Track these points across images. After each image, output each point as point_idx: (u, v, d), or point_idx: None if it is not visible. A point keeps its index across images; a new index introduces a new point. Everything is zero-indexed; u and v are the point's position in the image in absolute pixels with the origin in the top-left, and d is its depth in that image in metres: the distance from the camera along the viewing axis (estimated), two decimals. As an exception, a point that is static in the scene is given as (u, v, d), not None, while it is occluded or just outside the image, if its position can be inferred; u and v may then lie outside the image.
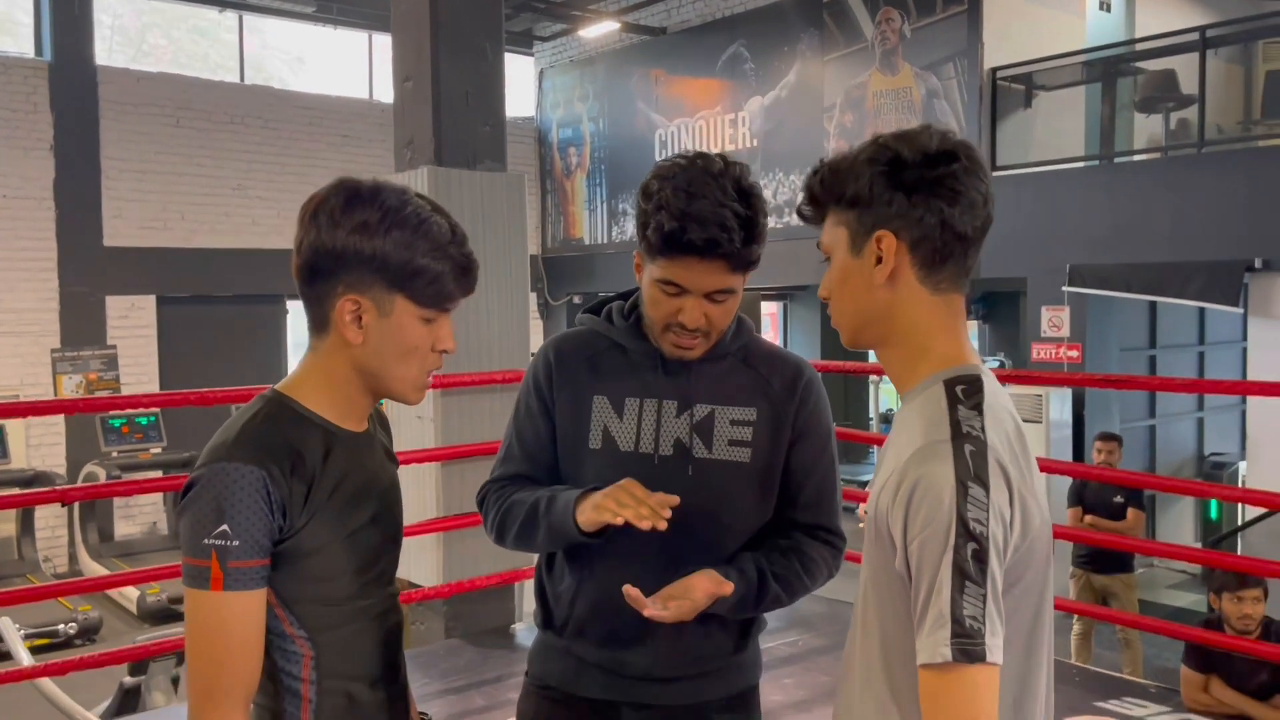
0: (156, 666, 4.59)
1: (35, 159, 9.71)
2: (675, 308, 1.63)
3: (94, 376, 9.69)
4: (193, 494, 1.29)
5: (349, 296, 1.36)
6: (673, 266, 1.60)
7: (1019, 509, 1.20)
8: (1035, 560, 1.24)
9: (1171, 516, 9.73)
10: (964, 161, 1.27)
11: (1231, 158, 7.76)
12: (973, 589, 1.13)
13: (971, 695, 1.11)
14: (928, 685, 1.14)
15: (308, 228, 1.38)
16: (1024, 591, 1.23)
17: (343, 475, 1.37)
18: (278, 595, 1.33)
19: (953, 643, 1.11)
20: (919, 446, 1.21)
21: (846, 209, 1.31)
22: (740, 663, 1.80)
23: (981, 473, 1.17)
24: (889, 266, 1.28)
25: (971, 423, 1.21)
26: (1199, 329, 10.27)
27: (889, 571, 1.23)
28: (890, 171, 1.27)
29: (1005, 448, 1.22)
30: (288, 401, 1.39)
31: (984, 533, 1.14)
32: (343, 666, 1.38)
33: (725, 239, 1.56)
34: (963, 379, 1.27)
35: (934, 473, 1.17)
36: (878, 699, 1.27)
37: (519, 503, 1.74)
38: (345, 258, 1.35)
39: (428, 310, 1.38)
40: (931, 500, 1.16)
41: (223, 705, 1.27)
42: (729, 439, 1.71)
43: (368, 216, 1.34)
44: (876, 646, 1.28)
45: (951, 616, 1.12)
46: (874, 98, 9.53)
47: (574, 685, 1.77)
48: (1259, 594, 3.79)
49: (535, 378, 1.79)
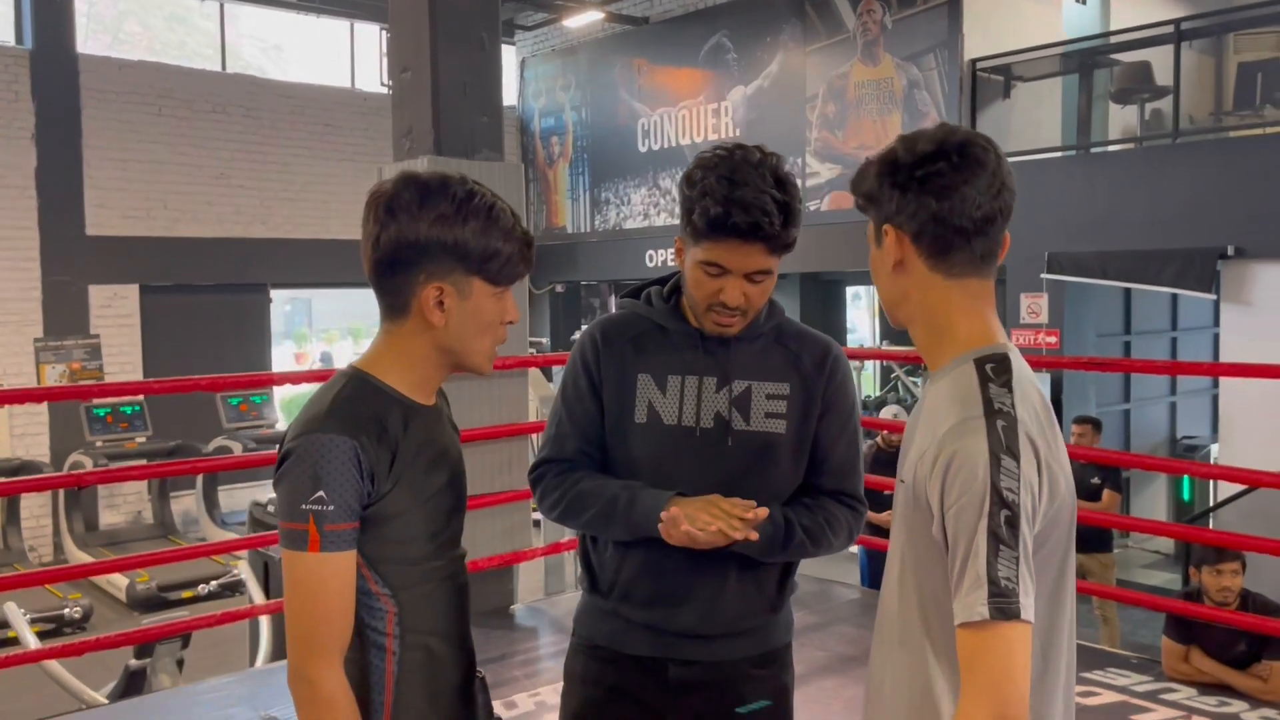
0: (162, 649, 4.65)
1: (17, 147, 9.66)
2: (717, 288, 1.74)
3: (77, 366, 9.67)
4: (289, 463, 1.39)
5: (433, 284, 1.45)
6: (716, 249, 1.71)
7: (1046, 478, 1.31)
8: (1061, 522, 1.36)
9: (1145, 498, 9.94)
10: (952, 159, 1.37)
11: (1204, 148, 7.95)
12: (1006, 552, 1.23)
13: (1007, 650, 1.22)
14: (966, 642, 1.25)
15: (384, 223, 1.45)
16: (1051, 551, 1.35)
17: (420, 445, 1.48)
18: (364, 556, 1.43)
19: (990, 602, 1.22)
20: (954, 422, 1.32)
21: (867, 205, 1.46)
22: (775, 622, 1.91)
23: (1013, 445, 1.27)
24: (893, 257, 1.41)
25: (1002, 399, 1.32)
26: (1172, 315, 10.49)
27: (927, 537, 1.34)
28: (888, 171, 1.40)
29: (1033, 421, 1.33)
30: (368, 378, 1.48)
31: (1015, 500, 1.25)
32: (422, 622, 1.49)
33: (766, 223, 1.68)
34: (992, 358, 1.37)
35: (969, 446, 1.28)
36: (917, 654, 1.38)
37: (590, 494, 1.84)
38: (428, 248, 1.44)
39: (500, 287, 1.50)
40: (967, 472, 1.27)
41: (321, 658, 1.37)
42: (765, 412, 1.83)
43: (444, 209, 1.43)
44: (915, 606, 1.39)
45: (988, 578, 1.23)
46: (856, 88, 9.65)
47: (621, 644, 1.87)
48: (1237, 567, 3.94)
49: (583, 358, 1.90)
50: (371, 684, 1.46)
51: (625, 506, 1.79)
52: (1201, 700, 3.76)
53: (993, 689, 1.22)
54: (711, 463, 1.80)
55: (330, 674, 1.38)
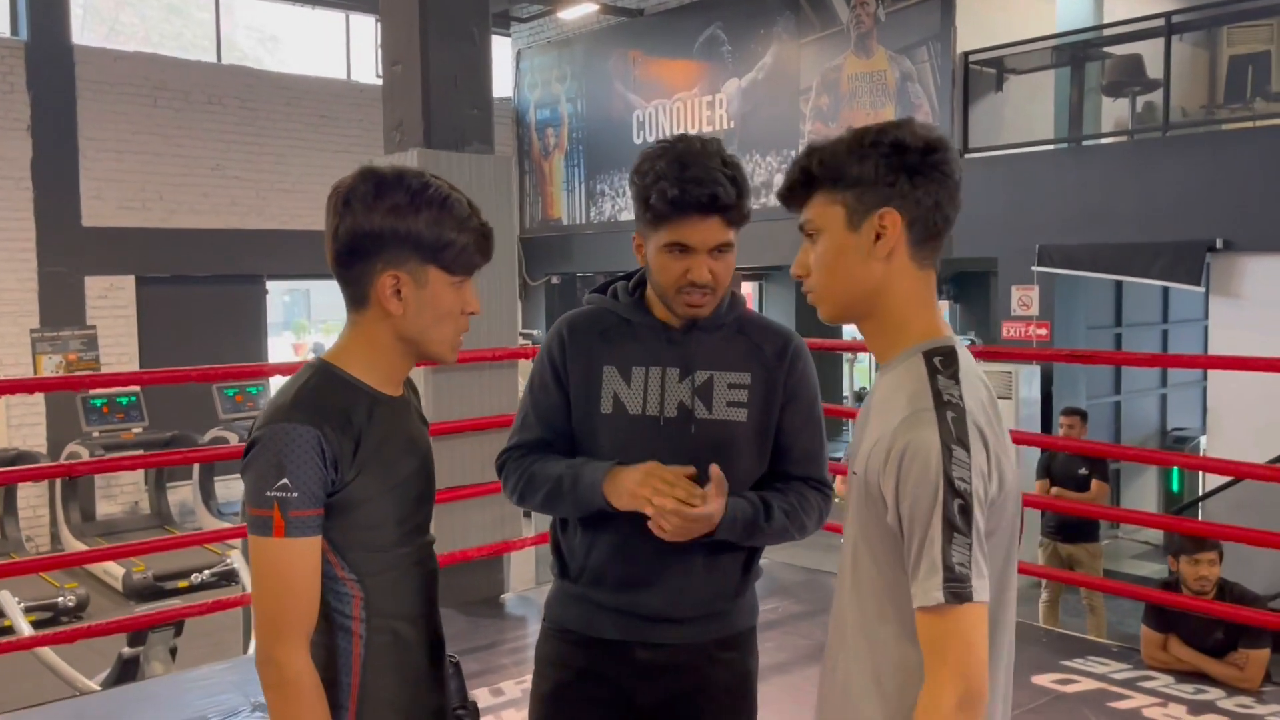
0: (155, 637, 4.70)
1: (13, 139, 9.69)
2: (684, 268, 1.81)
3: (74, 357, 9.71)
4: (255, 452, 1.44)
5: (389, 272, 1.50)
6: (678, 228, 1.79)
7: (995, 466, 1.36)
8: (1006, 511, 1.41)
9: (1135, 489, 10.00)
10: (951, 152, 1.43)
11: (1195, 141, 7.98)
12: (960, 539, 1.29)
13: (965, 630, 1.29)
14: (925, 627, 1.31)
15: (341, 215, 1.50)
16: (999, 539, 1.40)
17: (385, 434, 1.52)
18: (330, 542, 1.48)
19: (945, 587, 1.28)
20: (906, 414, 1.36)
21: (845, 189, 1.41)
22: (740, 606, 1.97)
23: (963, 436, 1.32)
24: (891, 241, 1.40)
25: (951, 391, 1.36)
26: (1163, 308, 10.53)
27: (881, 526, 1.39)
28: (894, 155, 1.39)
29: (981, 412, 1.38)
30: (334, 369, 1.53)
31: (968, 489, 1.30)
32: (388, 606, 1.53)
33: (722, 192, 1.77)
34: (939, 350, 1.41)
35: (921, 438, 1.32)
36: (871, 640, 1.43)
37: (540, 474, 1.91)
38: (383, 238, 1.49)
39: (457, 276, 1.54)
40: (920, 462, 1.31)
41: (287, 639, 1.42)
42: (727, 401, 1.89)
43: (398, 199, 1.48)
44: (869, 594, 1.44)
45: (943, 564, 1.28)
46: (849, 81, 9.68)
47: (590, 628, 1.93)
48: (1214, 556, 3.98)
49: (549, 353, 1.96)
50: (339, 666, 1.50)
51: (570, 484, 1.86)
52: (1179, 688, 3.82)
53: (957, 668, 1.28)
54: (676, 451, 1.85)
55: (296, 656, 1.42)
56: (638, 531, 1.84)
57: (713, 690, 1.93)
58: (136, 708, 3.84)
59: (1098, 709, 3.63)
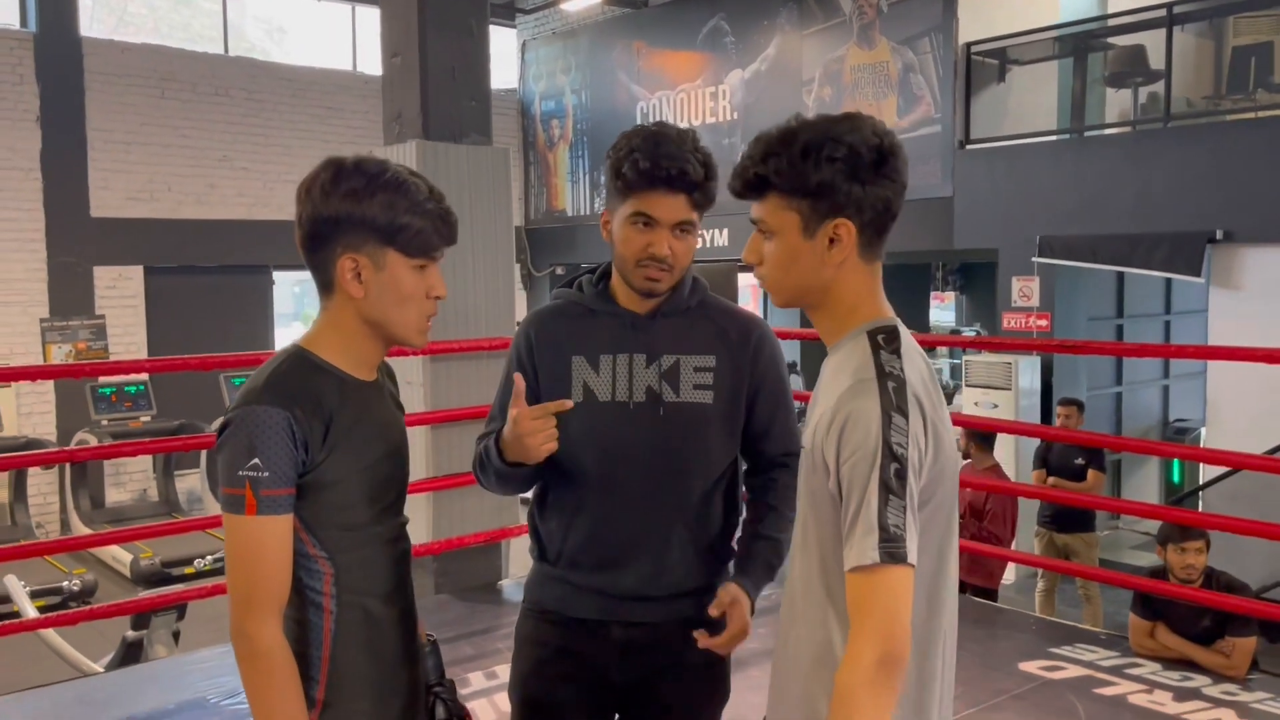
0: (158, 620, 4.78)
1: (22, 130, 9.77)
2: (646, 241, 1.87)
3: (83, 346, 9.81)
4: (228, 433, 1.50)
5: (347, 256, 1.55)
6: (645, 200, 1.85)
7: (932, 435, 1.42)
8: (946, 479, 1.47)
9: (1136, 480, 10.01)
10: (902, 152, 1.48)
11: (1196, 132, 7.98)
12: (895, 502, 1.34)
13: (893, 592, 1.33)
14: (854, 586, 1.35)
15: (304, 203, 1.57)
16: (937, 506, 1.46)
17: (356, 417, 1.58)
18: (302, 521, 1.54)
19: (880, 547, 1.32)
20: (848, 384, 1.43)
21: (801, 197, 1.46)
22: (714, 585, 2.00)
23: (902, 405, 1.38)
24: (846, 249, 1.46)
25: (892, 364, 1.43)
26: (1165, 299, 10.52)
27: (824, 493, 1.45)
28: (849, 165, 1.44)
29: (920, 385, 1.44)
30: (307, 354, 1.59)
31: (905, 454, 1.35)
32: (359, 583, 1.59)
33: (691, 169, 1.84)
34: (883, 329, 1.48)
35: (863, 406, 1.39)
36: (817, 608, 1.49)
37: (479, 456, 2.00)
38: (340, 222, 1.54)
39: (417, 259, 1.58)
40: (861, 428, 1.37)
41: (258, 613, 1.48)
42: (694, 384, 1.95)
43: (354, 184, 1.54)
44: (815, 560, 1.49)
45: (879, 524, 1.33)
46: (851, 72, 9.69)
47: (568, 607, 1.98)
48: (1201, 545, 4.01)
49: (517, 349, 2.03)
50: (309, 640, 1.56)
51: (487, 458, 1.94)
52: (1165, 675, 3.85)
53: (880, 628, 1.32)
54: (646, 434, 1.91)
55: (267, 629, 1.47)
56: (612, 513, 1.92)
57: (687, 668, 1.99)
58: (139, 689, 3.91)
59: (1083, 695, 3.67)
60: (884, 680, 1.31)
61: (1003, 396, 8.28)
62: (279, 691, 1.48)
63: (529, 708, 2.02)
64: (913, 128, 9.17)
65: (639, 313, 1.96)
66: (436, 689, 1.77)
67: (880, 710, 1.31)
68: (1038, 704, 3.60)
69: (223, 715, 3.53)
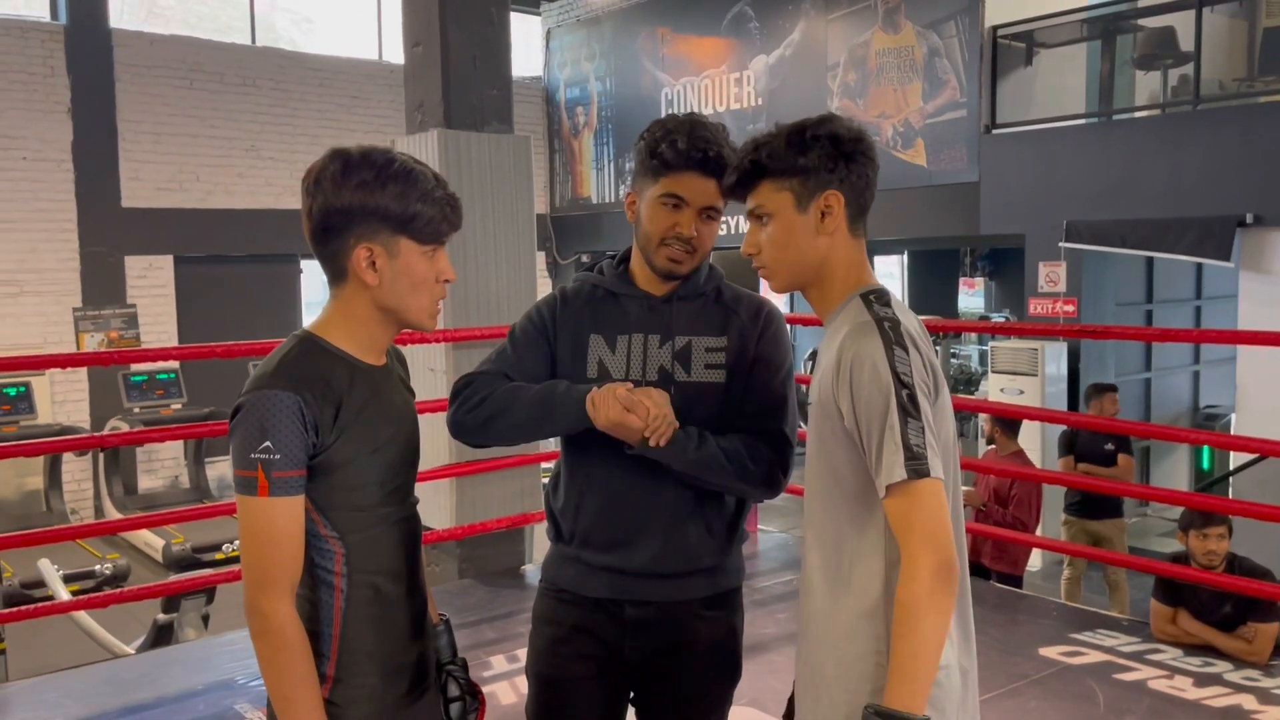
0: (188, 604, 4.87)
1: (54, 122, 9.90)
2: (674, 221, 1.93)
3: (115, 335, 9.96)
4: (240, 416, 1.54)
5: (362, 245, 1.59)
6: (677, 181, 1.92)
7: (931, 373, 1.54)
8: (947, 419, 1.58)
9: (1166, 467, 9.92)
10: (873, 141, 1.68)
11: (1226, 114, 7.87)
12: (914, 423, 1.46)
13: (929, 503, 1.44)
14: (894, 507, 1.46)
15: (313, 195, 1.60)
16: (943, 446, 1.54)
17: (366, 400, 1.61)
18: (313, 502, 1.58)
19: (907, 464, 1.44)
20: (847, 331, 1.56)
21: (791, 177, 1.63)
22: (725, 565, 2.06)
23: (900, 340, 1.53)
24: (837, 218, 1.63)
25: (885, 312, 1.58)
26: (1196, 284, 10.39)
27: (836, 436, 1.55)
28: (833, 146, 1.63)
29: (914, 328, 1.59)
30: (316, 339, 1.63)
31: (911, 381, 1.49)
32: (369, 563, 1.63)
33: (728, 155, 1.89)
34: (874, 291, 1.64)
35: (865, 345, 1.52)
36: (830, 539, 1.59)
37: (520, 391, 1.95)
38: (353, 213, 1.58)
39: (428, 246, 1.63)
40: (869, 365, 1.50)
41: (272, 592, 1.52)
42: (705, 364, 2.00)
43: (365, 176, 1.57)
44: (825, 498, 1.60)
45: (903, 444, 1.45)
46: (876, 56, 9.63)
47: (583, 587, 2.03)
48: (1223, 531, 3.98)
49: (541, 311, 2.08)
50: (321, 618, 1.60)
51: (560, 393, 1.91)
52: (1186, 661, 3.84)
53: (929, 538, 1.42)
54: None
55: (280, 607, 1.52)
56: (623, 491, 1.96)
57: (699, 646, 2.02)
58: (167, 670, 4.00)
59: (1103, 680, 3.67)
60: (943, 587, 1.41)
61: (1029, 383, 8.23)
62: (291, 666, 1.52)
63: (545, 685, 2.07)
64: (938, 112, 9.11)
65: (656, 295, 2.01)
66: (449, 667, 1.81)
67: (943, 615, 1.42)
68: (1057, 689, 3.60)
69: (250, 695, 3.60)
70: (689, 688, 2.03)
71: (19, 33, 9.73)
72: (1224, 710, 3.44)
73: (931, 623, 1.40)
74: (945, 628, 1.42)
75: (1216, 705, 3.48)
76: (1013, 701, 3.51)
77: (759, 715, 3.32)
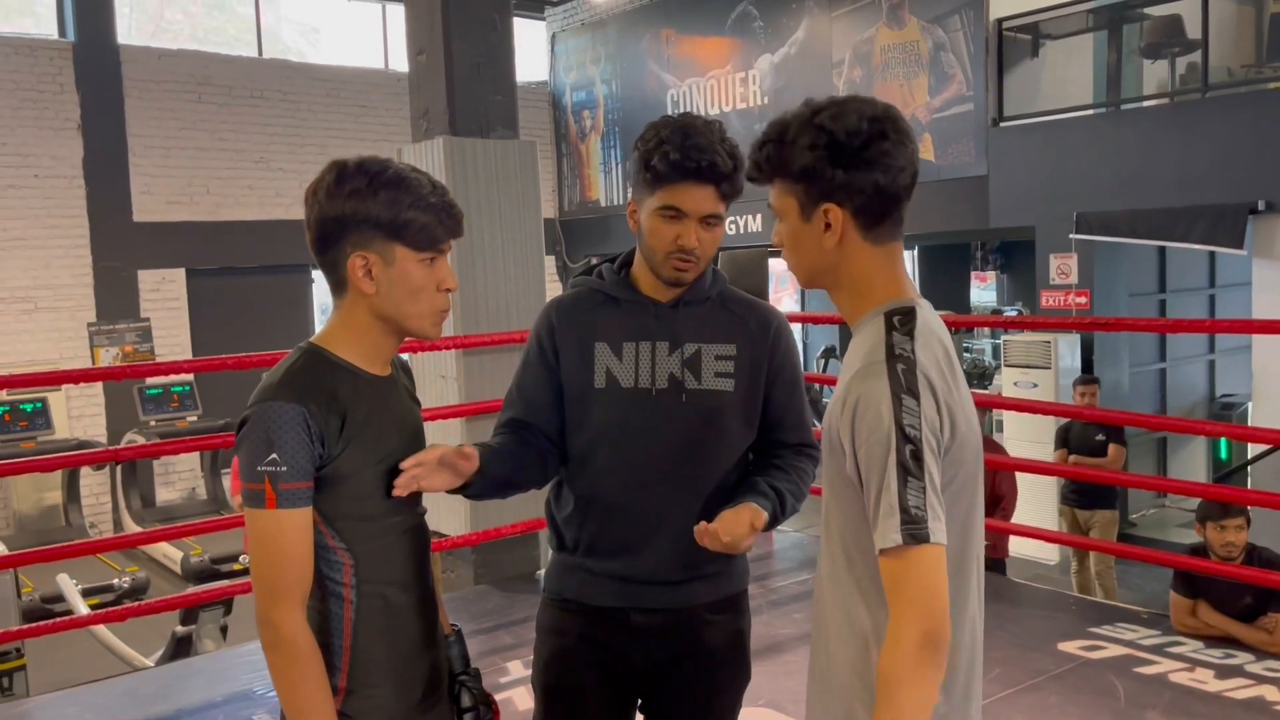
0: (206, 616, 4.89)
1: (64, 138, 9.97)
2: (675, 233, 1.89)
3: (130, 349, 10.01)
4: (246, 429, 1.54)
5: (357, 254, 1.59)
6: (674, 192, 1.87)
7: (946, 416, 1.43)
8: (966, 460, 1.47)
9: (1183, 457, 9.85)
10: (892, 136, 1.46)
11: (1236, 101, 7.81)
12: (914, 483, 1.35)
13: (924, 571, 1.34)
14: (887, 569, 1.37)
15: (311, 206, 1.61)
16: (960, 486, 1.46)
17: (371, 411, 1.61)
18: (321, 514, 1.58)
19: (902, 529, 1.34)
20: (858, 368, 1.45)
21: (794, 181, 1.50)
22: (731, 569, 2.04)
23: (912, 386, 1.39)
24: (838, 233, 1.49)
25: (903, 345, 1.44)
26: (1209, 272, 10.31)
27: (842, 477, 1.46)
28: (828, 150, 1.45)
29: (933, 365, 1.45)
30: (320, 351, 1.63)
31: (918, 435, 1.37)
32: (378, 573, 1.63)
33: (720, 162, 1.86)
34: (899, 311, 1.49)
35: (872, 388, 1.40)
36: (843, 586, 1.50)
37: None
38: (346, 222, 1.58)
39: (424, 253, 1.61)
40: (873, 412, 1.39)
41: (283, 603, 1.52)
42: (715, 371, 1.97)
43: (357, 184, 1.57)
44: (838, 544, 1.51)
45: (899, 507, 1.34)
46: (881, 52, 9.60)
47: (588, 596, 2.01)
48: (1241, 522, 3.95)
49: (538, 333, 2.05)
50: (331, 629, 1.60)
51: None
52: (1207, 653, 3.81)
53: (918, 607, 1.33)
54: (668, 421, 1.93)
55: (291, 618, 1.52)
56: (631, 499, 1.94)
57: (706, 651, 2.01)
58: (186, 682, 4.01)
59: (1123, 674, 3.64)
60: (928, 659, 1.32)
61: (1042, 376, 8.19)
62: (303, 677, 1.52)
63: (552, 696, 2.05)
64: (945, 107, 9.08)
65: (661, 301, 1.98)
66: (461, 677, 1.81)
67: (926, 689, 1.33)
68: (1077, 684, 3.58)
69: (268, 706, 3.61)
70: (698, 693, 2.02)
71: (28, 51, 9.81)
72: (1246, 702, 3.41)
73: (911, 695, 1.31)
74: (927, 701, 1.33)
75: (1239, 697, 3.45)
76: (1033, 697, 3.49)
77: (776, 716, 3.31)
